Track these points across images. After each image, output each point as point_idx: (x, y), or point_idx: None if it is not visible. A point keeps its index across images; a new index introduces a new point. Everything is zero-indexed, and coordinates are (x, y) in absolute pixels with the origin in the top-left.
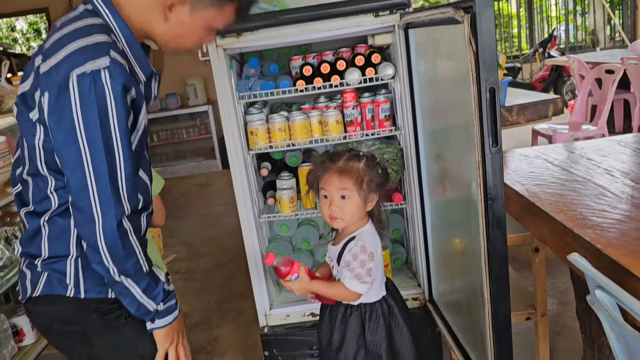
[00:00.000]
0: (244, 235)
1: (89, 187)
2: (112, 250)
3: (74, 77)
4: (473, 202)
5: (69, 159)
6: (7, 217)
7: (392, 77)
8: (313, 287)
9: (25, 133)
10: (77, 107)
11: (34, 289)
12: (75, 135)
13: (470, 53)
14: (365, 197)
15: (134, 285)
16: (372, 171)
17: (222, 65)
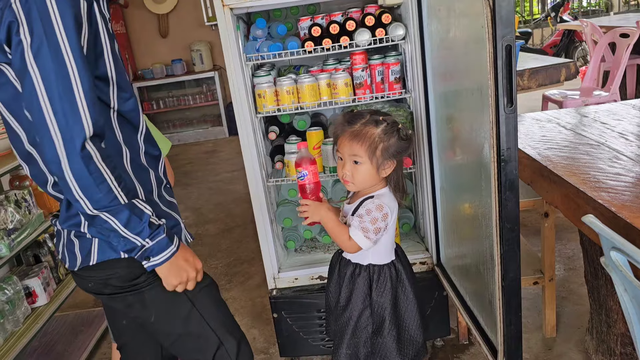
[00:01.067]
0: (252, 199)
1: (42, 106)
2: (78, 177)
3: None
4: (484, 165)
5: (23, 82)
6: (15, 181)
7: (402, 38)
8: (324, 215)
9: (6, 96)
10: (22, 21)
11: (87, 257)
12: (23, 53)
13: (486, 8)
14: (378, 164)
15: (113, 219)
16: (389, 138)
17: (229, 26)
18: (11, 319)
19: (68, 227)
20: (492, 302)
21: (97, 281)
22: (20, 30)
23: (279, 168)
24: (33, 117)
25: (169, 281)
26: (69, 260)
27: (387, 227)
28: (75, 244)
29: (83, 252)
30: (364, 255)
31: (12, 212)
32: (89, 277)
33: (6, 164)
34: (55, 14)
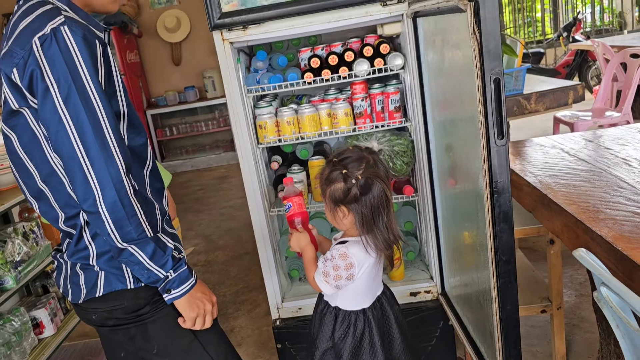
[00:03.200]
0: (254, 229)
1: (75, 147)
2: (111, 211)
3: (37, 41)
4: (480, 195)
5: (52, 126)
6: (25, 213)
7: (401, 68)
8: (303, 247)
9: (25, 137)
10: (46, 68)
11: (93, 289)
12: (52, 99)
13: (474, 42)
14: (330, 209)
15: (140, 252)
16: (332, 184)
17: (229, 59)
18: (18, 350)
19: (76, 260)
20: (492, 334)
21: (101, 313)
22: (45, 77)
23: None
24: (64, 158)
25: (187, 314)
26: (72, 292)
27: (354, 277)
28: (81, 276)
29: (88, 284)
30: (332, 296)
31: (20, 245)
32: (92, 309)
33: (16, 197)
34: (79, 60)
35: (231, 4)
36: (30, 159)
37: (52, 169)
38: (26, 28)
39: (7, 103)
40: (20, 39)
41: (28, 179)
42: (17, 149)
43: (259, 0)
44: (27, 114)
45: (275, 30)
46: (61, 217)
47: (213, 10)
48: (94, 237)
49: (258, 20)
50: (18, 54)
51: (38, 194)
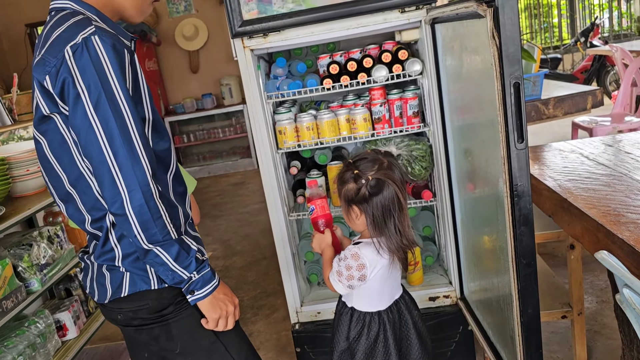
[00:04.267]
0: (274, 233)
1: (104, 151)
2: (138, 213)
3: (69, 50)
4: (499, 199)
5: (82, 131)
6: (49, 217)
7: (419, 73)
8: (323, 248)
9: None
10: (78, 76)
11: (118, 289)
12: (83, 106)
13: (493, 47)
14: (345, 209)
15: (165, 254)
16: (345, 184)
17: (250, 66)
18: (42, 352)
19: (102, 261)
20: (513, 338)
21: (127, 313)
22: (76, 84)
23: (300, 202)
24: (93, 162)
25: (210, 315)
26: (98, 293)
27: (366, 277)
28: (107, 277)
29: (114, 285)
30: (348, 296)
31: (45, 248)
32: (118, 309)
33: (42, 201)
34: (108, 68)
35: (252, 12)
36: (59, 163)
37: (80, 172)
38: (58, 38)
39: (39, 109)
40: (53, 48)
41: (57, 182)
42: (47, 154)
43: (278, 9)
44: (58, 119)
45: (294, 38)
46: (88, 220)
47: (234, 18)
48: (119, 239)
49: (278, 28)
50: (50, 62)
51: (66, 197)
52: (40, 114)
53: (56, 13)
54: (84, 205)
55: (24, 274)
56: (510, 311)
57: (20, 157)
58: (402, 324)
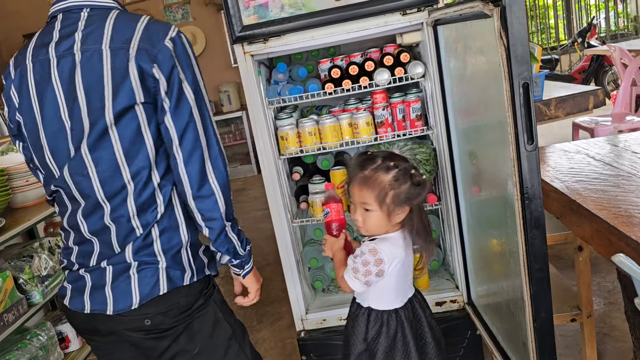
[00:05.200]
0: (277, 240)
1: (200, 138)
2: (224, 190)
3: (169, 42)
4: (509, 201)
5: (182, 117)
6: (50, 228)
7: (422, 76)
8: (335, 251)
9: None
10: (180, 67)
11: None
12: (186, 95)
13: (501, 47)
14: (389, 211)
15: (232, 232)
16: (400, 185)
17: (251, 72)
18: None
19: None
20: (526, 343)
21: (156, 316)
22: (180, 74)
23: (303, 208)
24: (186, 149)
25: (254, 285)
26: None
27: (384, 272)
28: (133, 279)
29: (147, 285)
30: (363, 296)
31: (46, 259)
32: (143, 315)
33: (42, 211)
34: (195, 61)
35: (251, 17)
36: (126, 156)
37: (146, 164)
38: (150, 30)
39: (129, 97)
40: (149, 39)
41: (113, 176)
42: (115, 148)
43: (279, 13)
44: (140, 110)
45: (295, 42)
46: (133, 214)
47: (234, 23)
48: (161, 233)
49: (278, 33)
50: (154, 51)
51: (118, 191)
52: (130, 102)
53: (103, 10)
54: (137, 197)
55: (25, 286)
56: (522, 316)
57: (20, 168)
58: (416, 321)
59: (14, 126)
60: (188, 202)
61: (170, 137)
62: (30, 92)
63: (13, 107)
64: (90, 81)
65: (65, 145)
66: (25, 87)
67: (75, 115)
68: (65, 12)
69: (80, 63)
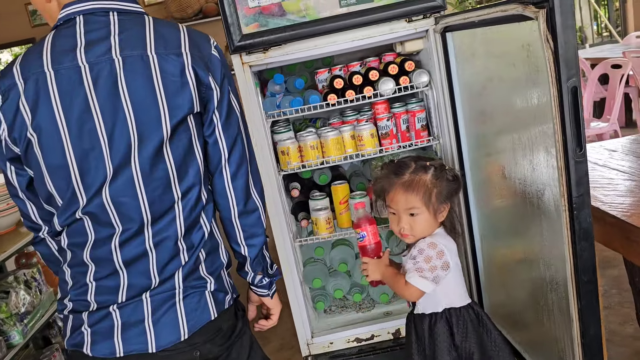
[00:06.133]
0: (280, 261)
1: (245, 150)
2: (264, 203)
3: (215, 51)
4: (545, 212)
5: (233, 128)
6: (22, 259)
7: (426, 85)
8: (383, 271)
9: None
10: (227, 77)
11: (203, 315)
12: (234, 106)
13: (547, 51)
14: (435, 210)
15: (265, 250)
16: (440, 182)
17: (250, 84)
18: None
19: (188, 283)
20: (565, 358)
21: (204, 346)
22: (228, 83)
23: (304, 226)
24: (234, 162)
25: (278, 307)
26: (157, 336)
27: (448, 264)
28: (179, 307)
29: (195, 312)
30: (435, 301)
31: (24, 295)
32: (192, 345)
33: (14, 243)
34: None
35: (251, 25)
36: (178, 171)
37: (197, 180)
38: (196, 39)
39: (188, 106)
40: (198, 46)
41: (163, 195)
42: (168, 164)
43: (281, 21)
44: (191, 121)
45: (296, 52)
46: (181, 235)
47: (233, 32)
48: (207, 255)
49: (280, 41)
50: (205, 60)
51: (166, 211)
52: (189, 110)
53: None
54: (187, 217)
55: (3, 325)
56: (560, 330)
57: None
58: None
59: (19, 146)
60: (233, 220)
61: (220, 151)
62: (54, 104)
63: (21, 122)
64: (138, 90)
65: (100, 164)
66: (44, 99)
67: (117, 129)
68: (86, 14)
69: (124, 70)
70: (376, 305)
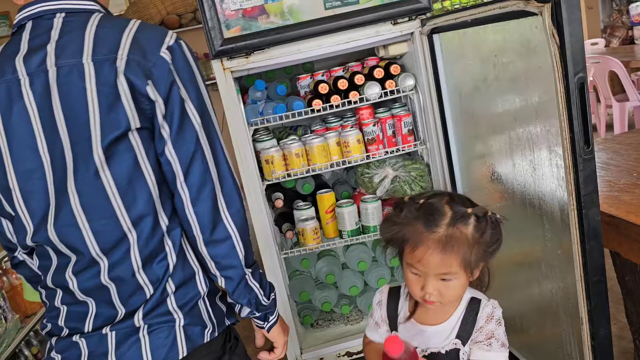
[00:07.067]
0: (267, 277)
1: (210, 169)
2: (242, 232)
3: (167, 52)
4: (548, 211)
5: (187, 145)
6: None
7: (411, 88)
8: None
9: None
10: (180, 82)
11: (170, 353)
12: (190, 117)
13: (553, 46)
14: (472, 272)
15: (253, 279)
16: (482, 234)
17: (231, 90)
18: None
19: (151, 319)
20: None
21: None
22: (182, 92)
23: (289, 237)
24: (194, 185)
25: (281, 339)
26: None
27: None
28: (144, 342)
29: (162, 349)
30: None
31: None
32: None
33: None
34: (199, 75)
35: (234, 29)
36: (123, 197)
37: (149, 205)
38: (141, 39)
39: (123, 124)
40: (141, 49)
41: (107, 226)
42: (107, 188)
43: (264, 24)
44: (135, 138)
45: (280, 56)
46: (138, 268)
47: (214, 37)
48: (177, 288)
49: (264, 45)
50: (147, 64)
51: (116, 243)
52: (124, 129)
53: (83, 15)
54: (142, 248)
55: None
56: (566, 333)
57: None
58: None
59: None
60: (199, 249)
61: (173, 171)
62: None
63: None
64: (70, 106)
65: (42, 187)
66: None
67: (57, 149)
68: (35, 19)
69: (57, 82)
70: (364, 316)
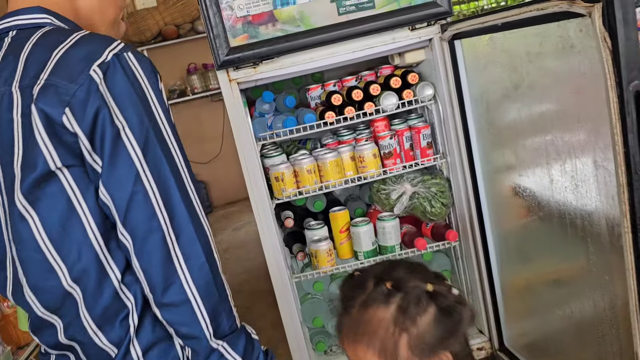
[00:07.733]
0: (278, 300)
1: (157, 214)
2: (206, 295)
3: (97, 70)
4: (593, 233)
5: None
6: None
7: (431, 99)
8: None
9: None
10: (115, 107)
11: None
12: (126, 149)
13: (605, 51)
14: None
15: (232, 352)
16: (414, 320)
17: (238, 103)
18: None
19: None
20: None
21: None
22: (114, 119)
23: (301, 259)
24: (138, 232)
25: None
26: None
27: None
28: None
29: None
30: None
31: None
32: None
33: None
34: (150, 95)
35: (240, 37)
36: (57, 249)
37: (93, 257)
38: (70, 56)
39: (39, 164)
40: (66, 69)
41: (47, 281)
42: (36, 237)
43: (273, 32)
44: (66, 177)
45: (290, 65)
46: (93, 330)
47: (219, 45)
48: (146, 350)
49: (274, 54)
50: (69, 88)
51: (60, 302)
52: (41, 171)
53: (31, 31)
54: (91, 306)
55: None
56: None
57: None
58: None
59: None
60: (155, 310)
61: (112, 214)
62: None
63: None
64: (1, 140)
65: None
66: None
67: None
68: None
69: None
70: None
